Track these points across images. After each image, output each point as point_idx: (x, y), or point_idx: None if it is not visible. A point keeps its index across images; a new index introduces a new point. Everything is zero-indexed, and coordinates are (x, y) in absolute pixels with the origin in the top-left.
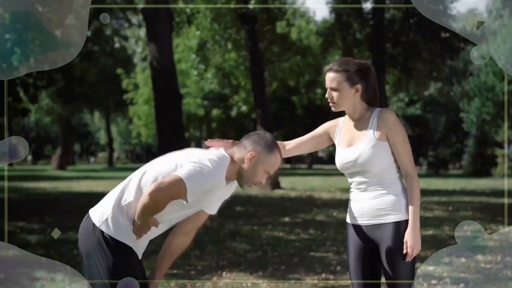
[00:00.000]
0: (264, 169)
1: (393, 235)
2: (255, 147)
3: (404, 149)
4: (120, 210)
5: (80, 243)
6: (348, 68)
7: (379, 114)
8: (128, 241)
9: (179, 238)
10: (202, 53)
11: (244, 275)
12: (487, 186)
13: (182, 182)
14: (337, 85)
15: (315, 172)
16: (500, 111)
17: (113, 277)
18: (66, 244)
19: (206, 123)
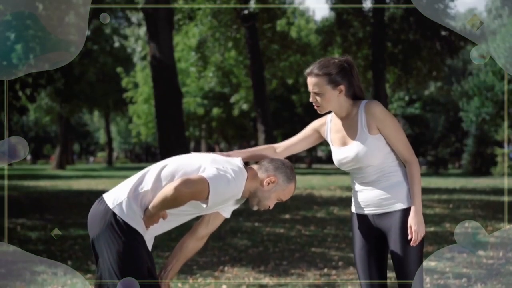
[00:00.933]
0: (277, 196)
1: (399, 223)
2: (276, 173)
3: (398, 137)
4: (135, 196)
5: (90, 227)
6: (329, 71)
7: (366, 108)
8: (139, 227)
9: (194, 242)
10: (202, 51)
11: (246, 270)
12: (487, 185)
13: (207, 184)
14: (319, 89)
15: (314, 171)
16: (500, 111)
17: (122, 261)
18: (67, 240)
19: (206, 122)
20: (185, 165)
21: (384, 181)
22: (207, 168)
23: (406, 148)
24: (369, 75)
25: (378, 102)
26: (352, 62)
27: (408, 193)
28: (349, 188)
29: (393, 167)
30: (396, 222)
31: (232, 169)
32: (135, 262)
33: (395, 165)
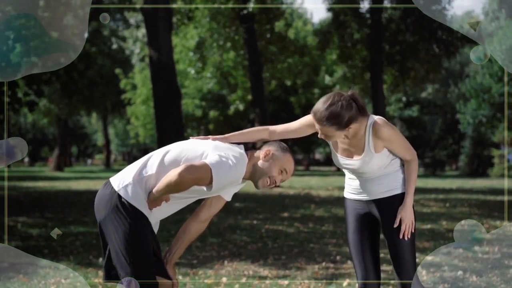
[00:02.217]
0: (279, 167)
1: (392, 208)
2: (270, 147)
3: (401, 146)
4: (139, 180)
5: (97, 210)
6: (338, 120)
7: (373, 131)
8: (144, 209)
9: (197, 224)
10: (201, 52)
11: (246, 264)
12: (484, 186)
13: (209, 171)
14: (329, 133)
15: (312, 173)
16: (496, 113)
17: (128, 241)
18: (68, 236)
19: (204, 124)
20: (188, 150)
21: (382, 175)
22: (210, 155)
23: (407, 151)
24: (366, 76)
25: (384, 122)
26: (357, 96)
27: (402, 181)
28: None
29: (391, 162)
30: (389, 208)
31: (233, 155)
32: (141, 243)
33: (392, 159)
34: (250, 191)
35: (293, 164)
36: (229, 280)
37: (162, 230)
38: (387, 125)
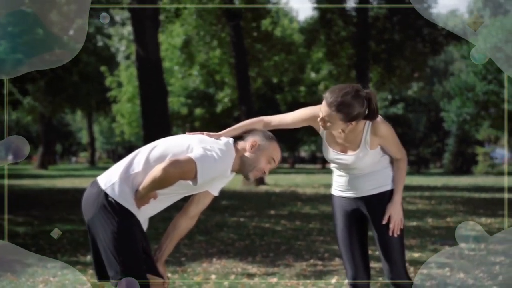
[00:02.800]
0: (267, 156)
1: (381, 204)
2: (254, 137)
3: (394, 145)
4: (126, 178)
5: (85, 210)
6: (348, 111)
7: (372, 129)
8: (131, 207)
9: (186, 220)
10: (188, 50)
11: (234, 262)
12: (468, 183)
13: (194, 164)
14: (331, 120)
15: (297, 171)
16: (480, 111)
17: (117, 240)
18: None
19: (190, 122)
20: (173, 146)
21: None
22: (194, 148)
23: (399, 150)
24: (352, 74)
25: (382, 120)
26: (374, 95)
27: (391, 178)
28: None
29: (380, 159)
30: (379, 205)
31: (219, 148)
32: (130, 241)
33: (382, 157)
34: (236, 188)
35: (280, 152)
36: (218, 278)
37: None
38: (385, 123)
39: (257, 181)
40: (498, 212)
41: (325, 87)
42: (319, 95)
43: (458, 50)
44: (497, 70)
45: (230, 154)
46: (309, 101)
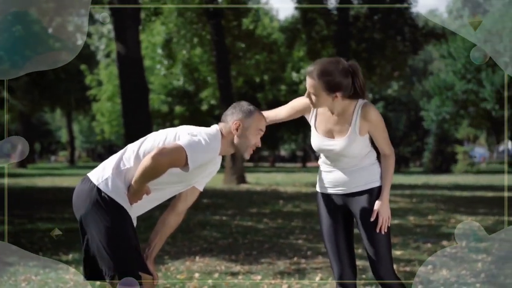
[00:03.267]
0: (255, 130)
1: (367, 202)
2: (236, 117)
3: (383, 136)
4: (119, 173)
5: (76, 207)
6: (328, 79)
7: (362, 112)
8: (124, 203)
9: (174, 217)
10: (168, 48)
11: (217, 260)
12: (448, 182)
13: (183, 150)
14: (315, 91)
15: (277, 169)
16: (459, 110)
17: (110, 236)
18: (36, 233)
19: (170, 120)
20: (161, 137)
21: (357, 165)
22: (181, 136)
23: (387, 144)
24: None
25: (373, 106)
26: (357, 67)
27: (379, 174)
28: (314, 184)
29: (368, 152)
30: (364, 202)
31: (206, 133)
32: (124, 237)
33: (370, 150)
34: (217, 187)
35: (264, 119)
36: (202, 276)
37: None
38: (376, 110)
39: (238, 179)
40: (479, 210)
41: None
42: (300, 94)
43: (437, 50)
44: (476, 69)
45: (217, 138)
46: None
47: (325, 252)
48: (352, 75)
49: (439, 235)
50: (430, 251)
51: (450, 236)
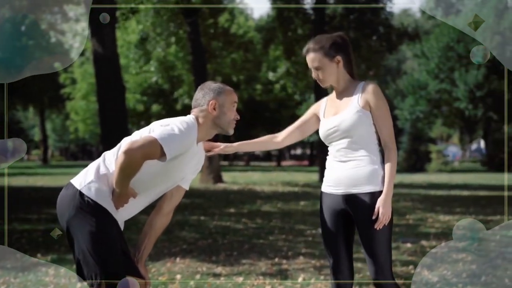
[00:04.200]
0: (229, 106)
1: (368, 205)
2: (209, 97)
3: (386, 121)
4: (101, 177)
5: (61, 214)
6: (323, 44)
7: (364, 85)
8: (109, 206)
9: (161, 218)
10: (144, 47)
11: (198, 261)
12: (423, 181)
13: (155, 141)
14: (319, 63)
15: (253, 168)
16: (433, 109)
17: (95, 240)
18: (13, 234)
19: (145, 119)
20: (136, 135)
21: (359, 161)
22: (155, 129)
23: (390, 134)
24: (310, 73)
25: (377, 84)
26: (345, 38)
27: (382, 179)
28: (290, 183)
29: (372, 150)
30: (364, 205)
31: (179, 121)
32: (108, 241)
33: (375, 149)
34: (194, 186)
35: (233, 91)
36: (183, 278)
37: None
38: (378, 87)
39: (214, 179)
40: (455, 209)
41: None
42: (275, 94)
43: (410, 49)
44: (450, 69)
45: (191, 125)
46: (265, 99)
47: (306, 253)
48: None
49: (418, 235)
50: (410, 251)
51: (429, 236)
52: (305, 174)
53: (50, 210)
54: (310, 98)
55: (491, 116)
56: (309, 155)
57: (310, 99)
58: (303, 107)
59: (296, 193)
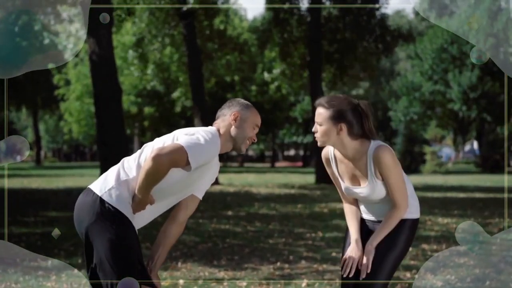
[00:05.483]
0: (250, 124)
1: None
2: (234, 109)
3: (397, 185)
4: (122, 183)
5: (79, 221)
6: (335, 106)
7: (374, 156)
8: (128, 214)
9: (176, 227)
10: (139, 49)
11: (199, 265)
12: (418, 182)
13: (182, 149)
14: (321, 120)
15: (247, 169)
16: (427, 110)
17: (114, 248)
18: (11, 238)
19: (139, 121)
20: (160, 143)
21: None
22: (179, 137)
23: (401, 196)
24: (305, 74)
25: (387, 149)
26: (367, 106)
27: (414, 208)
28: (286, 185)
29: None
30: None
31: (204, 131)
32: (128, 250)
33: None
34: None
35: (259, 117)
36: (186, 282)
37: None
38: (389, 155)
39: None
40: (453, 212)
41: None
42: (270, 95)
43: (404, 51)
44: (443, 70)
45: (216, 136)
46: (260, 100)
47: (307, 257)
48: (360, 113)
49: (417, 238)
50: (410, 255)
51: (429, 239)
52: (300, 176)
53: (46, 213)
54: (304, 100)
55: (484, 118)
56: (303, 156)
57: (304, 101)
58: (298, 108)
59: (293, 195)
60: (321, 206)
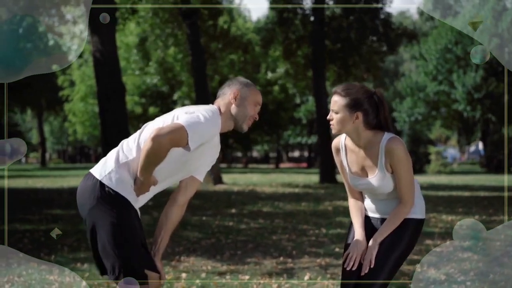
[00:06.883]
0: (251, 102)
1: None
2: (234, 88)
3: (406, 179)
4: (122, 166)
5: (81, 205)
6: (351, 94)
7: (386, 146)
8: (129, 196)
9: (176, 209)
10: (143, 48)
11: (202, 260)
12: (424, 182)
13: (182, 128)
14: (337, 108)
15: (251, 170)
16: (431, 111)
17: (116, 232)
18: (15, 234)
19: (143, 121)
20: (160, 122)
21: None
22: (180, 116)
23: (408, 191)
24: (309, 73)
25: (400, 142)
26: (382, 95)
27: (419, 208)
28: (290, 185)
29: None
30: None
31: (204, 109)
32: (130, 233)
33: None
34: None
35: (260, 94)
36: (189, 276)
37: None
38: (401, 147)
39: (214, 180)
40: (458, 210)
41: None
42: (274, 95)
43: (408, 51)
44: (448, 70)
45: (216, 114)
46: (264, 101)
47: (310, 252)
48: (376, 102)
49: (422, 234)
50: (414, 250)
51: (433, 235)
52: (304, 176)
53: (50, 211)
54: (308, 101)
55: (489, 118)
56: (307, 157)
57: (308, 102)
58: (302, 109)
59: (297, 194)
60: (325, 204)
